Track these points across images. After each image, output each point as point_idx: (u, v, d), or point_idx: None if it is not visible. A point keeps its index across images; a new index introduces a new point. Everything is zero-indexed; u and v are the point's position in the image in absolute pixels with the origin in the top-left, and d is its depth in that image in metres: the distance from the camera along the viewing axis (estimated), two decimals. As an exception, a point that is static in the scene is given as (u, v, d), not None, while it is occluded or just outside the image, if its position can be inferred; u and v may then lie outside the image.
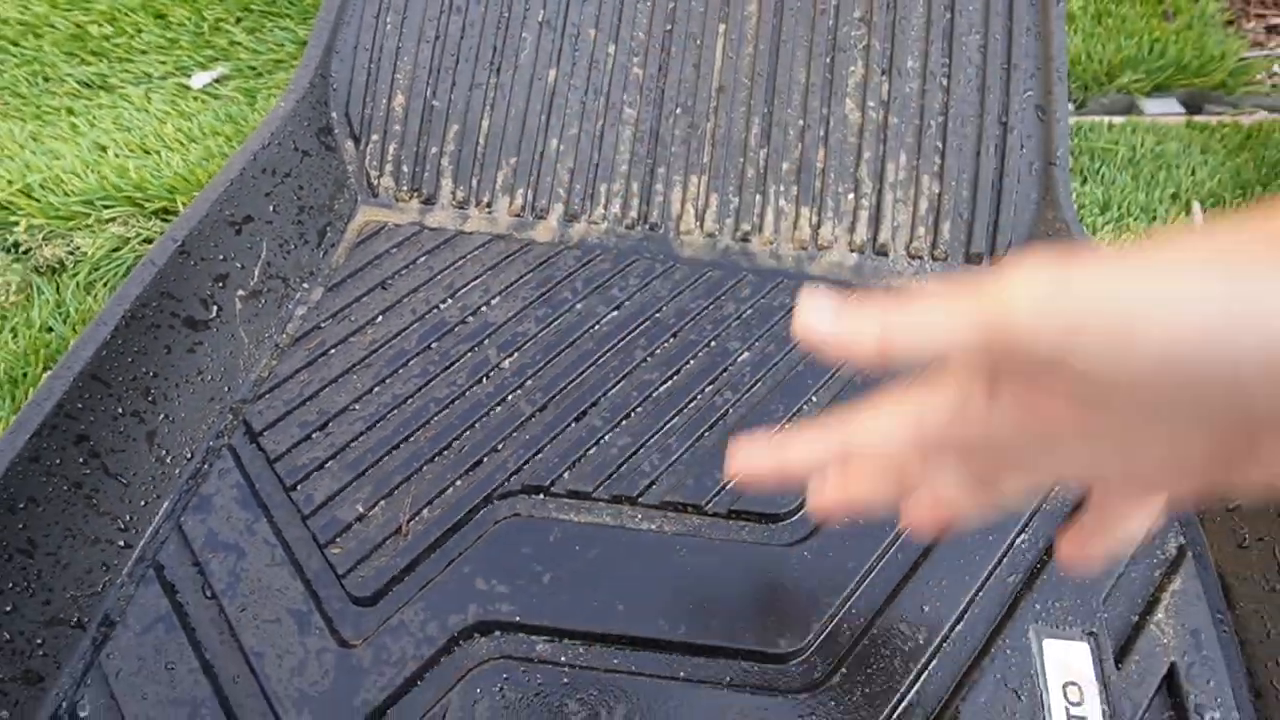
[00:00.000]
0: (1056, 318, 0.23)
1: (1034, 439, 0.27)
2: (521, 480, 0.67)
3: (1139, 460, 0.25)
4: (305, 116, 0.81)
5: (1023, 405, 0.26)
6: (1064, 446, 0.26)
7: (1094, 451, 0.26)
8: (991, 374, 0.27)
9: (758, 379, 0.73)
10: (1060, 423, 0.25)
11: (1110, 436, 0.25)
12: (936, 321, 0.27)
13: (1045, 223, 0.81)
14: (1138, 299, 0.21)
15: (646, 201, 0.85)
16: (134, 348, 0.65)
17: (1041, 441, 0.27)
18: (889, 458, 0.31)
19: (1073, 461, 0.28)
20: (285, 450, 0.68)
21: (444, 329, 0.75)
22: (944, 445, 0.29)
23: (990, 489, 0.33)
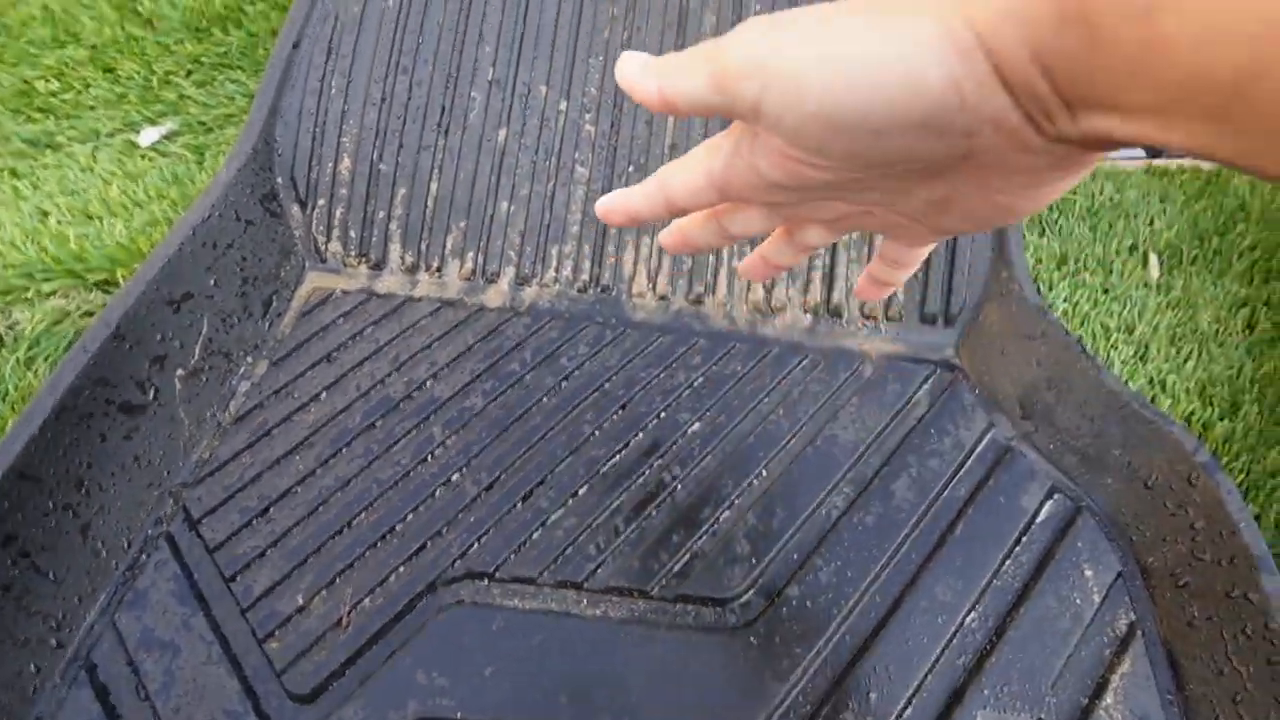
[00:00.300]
0: (754, 74, 0.27)
1: (790, 180, 0.29)
2: (466, 565, 0.66)
3: (868, 200, 0.31)
4: (248, 184, 0.79)
5: (770, 150, 0.29)
6: (813, 188, 0.30)
7: (832, 191, 0.30)
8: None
9: (707, 452, 0.72)
10: (797, 166, 0.29)
11: (835, 179, 0.29)
12: (688, 72, 0.30)
13: (999, 282, 0.80)
14: (805, 56, 0.25)
15: (598, 264, 0.84)
16: (66, 440, 0.64)
17: (797, 183, 0.30)
18: (699, 198, 0.34)
19: (825, 204, 0.32)
20: (225, 538, 0.67)
21: (389, 405, 0.74)
22: (732, 186, 0.32)
23: (787, 229, 0.38)
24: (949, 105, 0.24)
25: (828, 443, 0.73)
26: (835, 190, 0.30)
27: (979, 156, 0.26)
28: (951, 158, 0.26)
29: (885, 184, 0.29)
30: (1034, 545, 0.68)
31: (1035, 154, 0.25)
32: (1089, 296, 0.84)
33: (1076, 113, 0.23)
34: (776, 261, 0.41)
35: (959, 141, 0.25)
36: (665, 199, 0.34)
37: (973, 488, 0.71)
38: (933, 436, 0.74)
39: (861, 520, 0.69)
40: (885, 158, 0.27)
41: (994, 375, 0.78)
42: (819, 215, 0.34)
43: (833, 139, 0.26)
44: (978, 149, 0.26)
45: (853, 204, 0.32)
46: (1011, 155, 0.26)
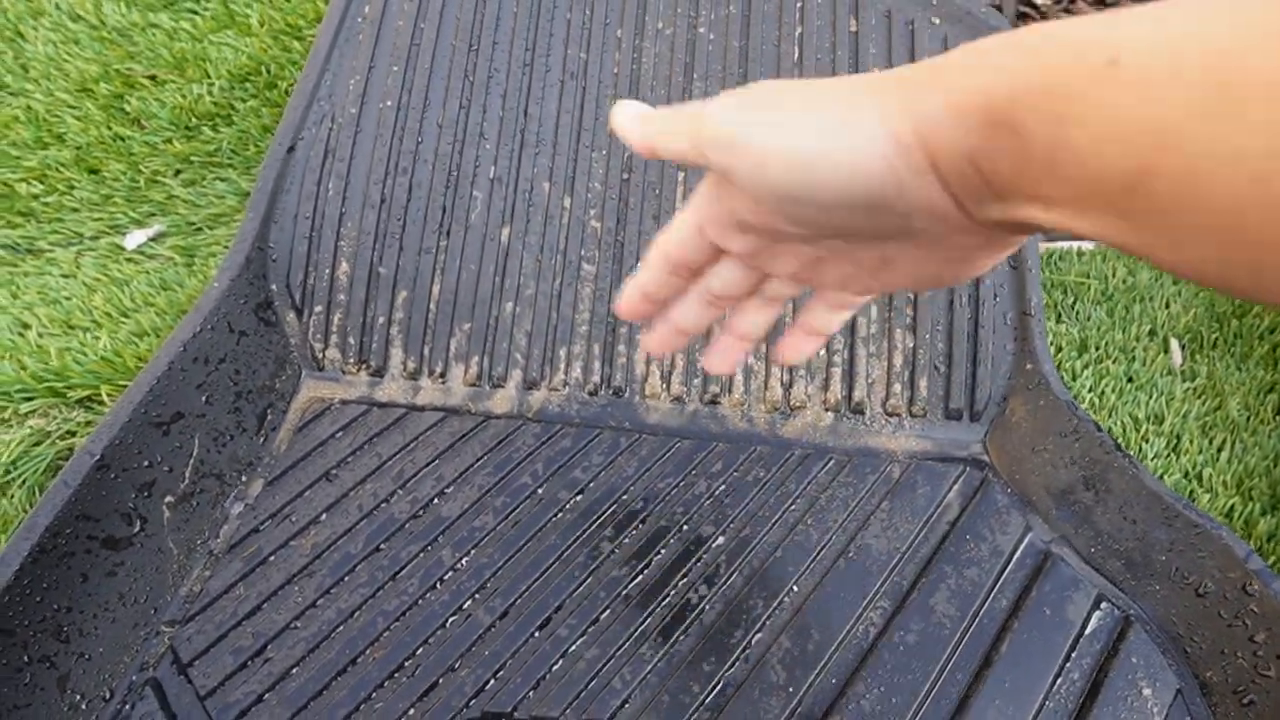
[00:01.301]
0: (726, 148, 0.31)
1: (759, 224, 0.33)
2: (481, 705, 0.61)
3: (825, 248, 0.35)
4: (242, 294, 0.76)
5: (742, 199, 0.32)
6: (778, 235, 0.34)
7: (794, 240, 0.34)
8: None
9: (734, 568, 0.68)
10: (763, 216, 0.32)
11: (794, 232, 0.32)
12: (671, 130, 0.34)
13: (1023, 374, 0.78)
14: (768, 143, 0.29)
15: (609, 364, 0.80)
16: (43, 584, 0.59)
17: (764, 226, 0.33)
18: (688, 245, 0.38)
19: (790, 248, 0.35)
20: (217, 684, 0.61)
21: (393, 526, 0.69)
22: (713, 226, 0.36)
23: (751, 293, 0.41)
24: (888, 192, 0.28)
25: (860, 553, 0.69)
26: (796, 243, 0.34)
27: (916, 233, 0.30)
28: (891, 231, 0.30)
29: (844, 241, 0.33)
30: (1084, 661, 0.64)
31: (966, 234, 0.30)
32: (1114, 386, 0.81)
33: (1004, 201, 0.26)
34: (743, 328, 0.43)
35: (897, 220, 0.29)
36: (663, 257, 0.39)
37: (1015, 599, 0.67)
38: (969, 543, 0.70)
39: (902, 639, 0.65)
40: (833, 228, 0.31)
41: (1025, 474, 0.74)
42: (781, 267, 0.37)
43: (789, 208, 0.31)
44: (915, 228, 0.30)
45: (813, 250, 0.35)
46: (945, 234, 0.30)
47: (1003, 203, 0.26)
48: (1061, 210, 0.24)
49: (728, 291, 0.40)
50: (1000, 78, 0.24)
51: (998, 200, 0.26)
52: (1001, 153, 0.25)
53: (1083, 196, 0.23)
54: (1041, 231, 0.28)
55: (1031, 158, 0.24)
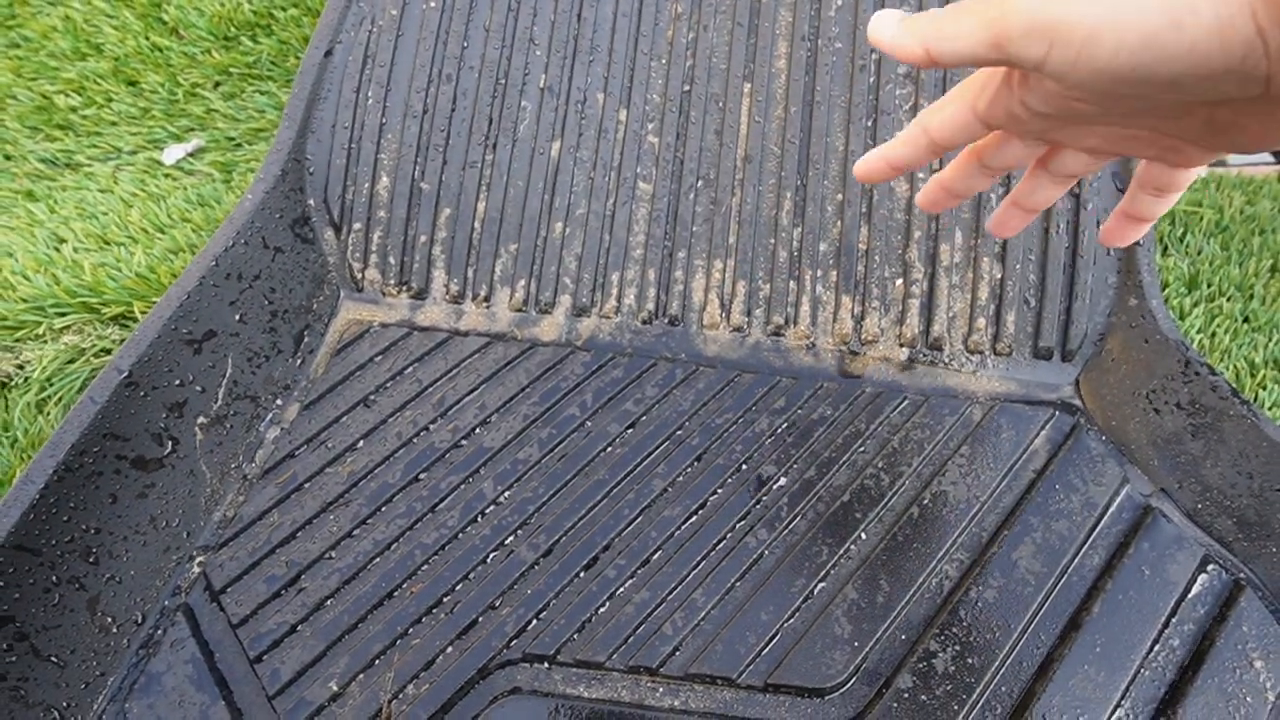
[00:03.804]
0: (1042, 34, 0.27)
1: (1062, 113, 0.30)
2: (522, 647, 0.58)
3: (1138, 124, 0.30)
4: (277, 208, 0.71)
5: (1044, 91, 0.29)
6: (1077, 120, 0.31)
7: (1097, 122, 0.31)
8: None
9: (797, 512, 0.63)
10: (1072, 104, 0.29)
11: (1104, 115, 0.29)
12: (962, 33, 0.30)
13: (1126, 311, 0.70)
14: (1098, 15, 0.25)
15: (665, 291, 0.74)
16: (70, 504, 0.56)
17: (1069, 115, 0.30)
18: (961, 134, 0.34)
19: (1088, 132, 0.32)
20: (250, 612, 0.59)
21: (433, 456, 0.65)
22: (996, 119, 0.33)
23: (1043, 162, 0.37)
24: (1254, 54, 0.24)
25: (936, 501, 0.63)
26: (1107, 120, 0.30)
27: (1230, 97, 0.26)
28: (1242, 96, 0.26)
29: (1163, 114, 0.29)
30: (1187, 627, 0.58)
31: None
32: (1227, 326, 0.73)
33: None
34: (1031, 202, 0.39)
35: (1254, 86, 0.25)
36: (927, 139, 0.35)
37: (1109, 556, 0.61)
38: (1058, 494, 0.64)
39: (980, 595, 0.59)
40: (1177, 102, 0.27)
41: (1124, 421, 0.67)
42: (1083, 142, 0.33)
43: (1121, 89, 0.26)
44: (1273, 91, 0.25)
45: (1121, 129, 0.31)
46: (1264, 103, 0.25)
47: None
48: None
49: (1010, 167, 0.37)
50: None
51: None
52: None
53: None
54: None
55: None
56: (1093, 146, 0.33)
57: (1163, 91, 0.26)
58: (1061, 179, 0.38)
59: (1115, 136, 0.32)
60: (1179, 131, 0.30)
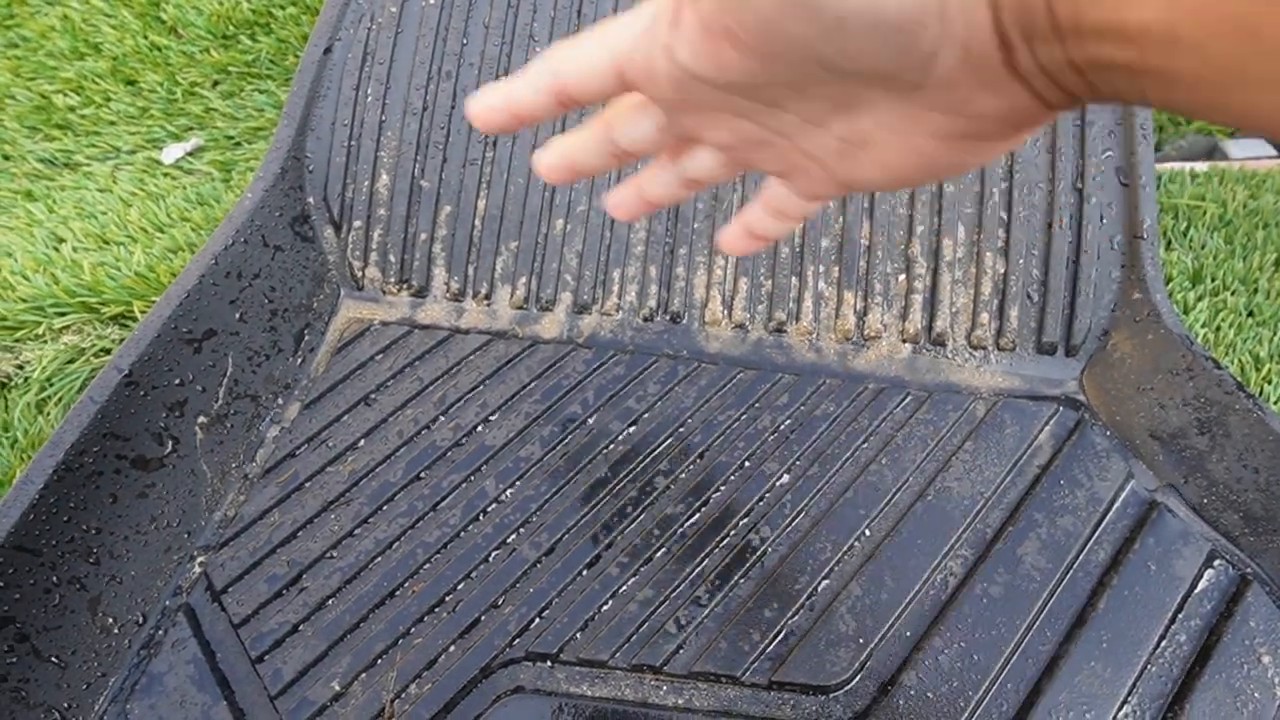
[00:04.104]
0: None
1: (707, 70, 0.26)
2: (525, 645, 0.57)
3: (776, 124, 0.27)
4: (277, 206, 0.71)
5: (694, 29, 0.25)
6: (727, 88, 0.26)
7: (744, 100, 0.27)
8: None
9: (800, 509, 0.63)
10: (721, 50, 0.25)
11: (757, 79, 0.25)
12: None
13: (1130, 306, 0.69)
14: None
15: (666, 288, 0.74)
16: (70, 503, 0.56)
17: (713, 73, 0.26)
18: (594, 82, 0.29)
19: (723, 123, 0.28)
20: (251, 612, 0.59)
21: (435, 454, 0.65)
22: (636, 69, 0.28)
23: (674, 151, 0.33)
24: (927, 16, 0.21)
25: (940, 497, 0.63)
26: (750, 97, 0.27)
27: (930, 88, 0.24)
28: (900, 82, 0.24)
29: (807, 104, 0.26)
30: (1193, 622, 0.57)
31: (993, 94, 0.23)
32: (1232, 320, 0.73)
33: (1065, 38, 0.21)
34: (652, 194, 0.36)
35: (918, 63, 0.23)
36: (556, 85, 0.30)
37: (1115, 551, 0.60)
38: (1063, 489, 0.63)
39: (986, 591, 0.59)
40: (833, 57, 0.23)
41: (1128, 416, 0.67)
42: (716, 133, 0.29)
43: (784, 19, 0.23)
44: (932, 79, 0.23)
45: (758, 126, 0.28)
46: (966, 92, 0.23)
47: (1062, 40, 0.21)
48: (1150, 40, 0.19)
49: (635, 149, 0.32)
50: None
51: (1056, 37, 0.21)
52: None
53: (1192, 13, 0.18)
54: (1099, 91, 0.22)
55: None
56: (724, 142, 0.30)
57: (824, 39, 0.23)
58: (687, 182, 0.34)
59: (749, 137, 0.29)
60: (814, 144, 0.28)
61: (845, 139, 0.27)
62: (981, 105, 0.24)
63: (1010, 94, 0.23)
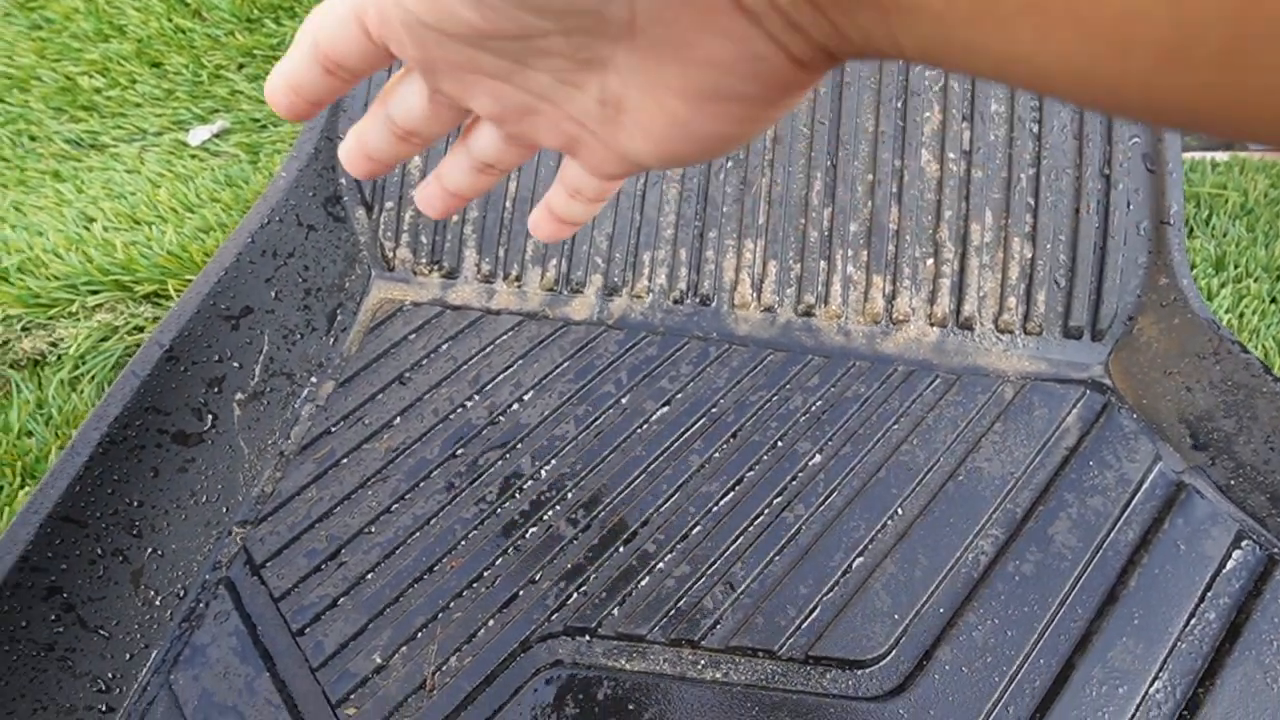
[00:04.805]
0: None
1: (434, 17, 0.23)
2: (564, 620, 0.58)
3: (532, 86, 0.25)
4: (310, 186, 0.71)
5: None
6: (462, 38, 0.24)
7: (486, 56, 0.25)
8: None
9: (833, 488, 0.63)
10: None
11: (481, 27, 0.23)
12: None
13: (1156, 291, 0.70)
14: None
15: (696, 270, 0.75)
16: (114, 476, 0.56)
17: (439, 20, 0.23)
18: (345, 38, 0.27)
19: (486, 82, 0.26)
20: (291, 586, 0.59)
21: (470, 433, 0.66)
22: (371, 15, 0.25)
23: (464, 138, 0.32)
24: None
25: (970, 477, 0.64)
26: (487, 52, 0.24)
27: (645, 27, 0.21)
28: (613, 20, 0.21)
29: (545, 60, 0.24)
30: (1222, 601, 0.58)
31: (725, 39, 0.20)
32: (1255, 307, 0.73)
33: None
34: (450, 182, 0.33)
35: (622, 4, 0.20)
36: (313, 47, 0.27)
37: (1144, 531, 0.61)
38: (1092, 470, 0.64)
39: (1018, 569, 0.60)
40: (556, 34, 0.22)
41: (1155, 399, 0.68)
42: (480, 100, 0.27)
43: None
44: (641, 15, 0.20)
45: (516, 89, 0.26)
46: (689, 33, 0.20)
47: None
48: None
49: (411, 124, 0.30)
50: None
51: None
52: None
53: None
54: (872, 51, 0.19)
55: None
56: (491, 111, 0.28)
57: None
58: (479, 165, 0.32)
59: (512, 103, 0.27)
60: (577, 109, 0.26)
61: (603, 101, 0.25)
62: (711, 50, 0.21)
63: (742, 38, 0.20)
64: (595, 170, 0.29)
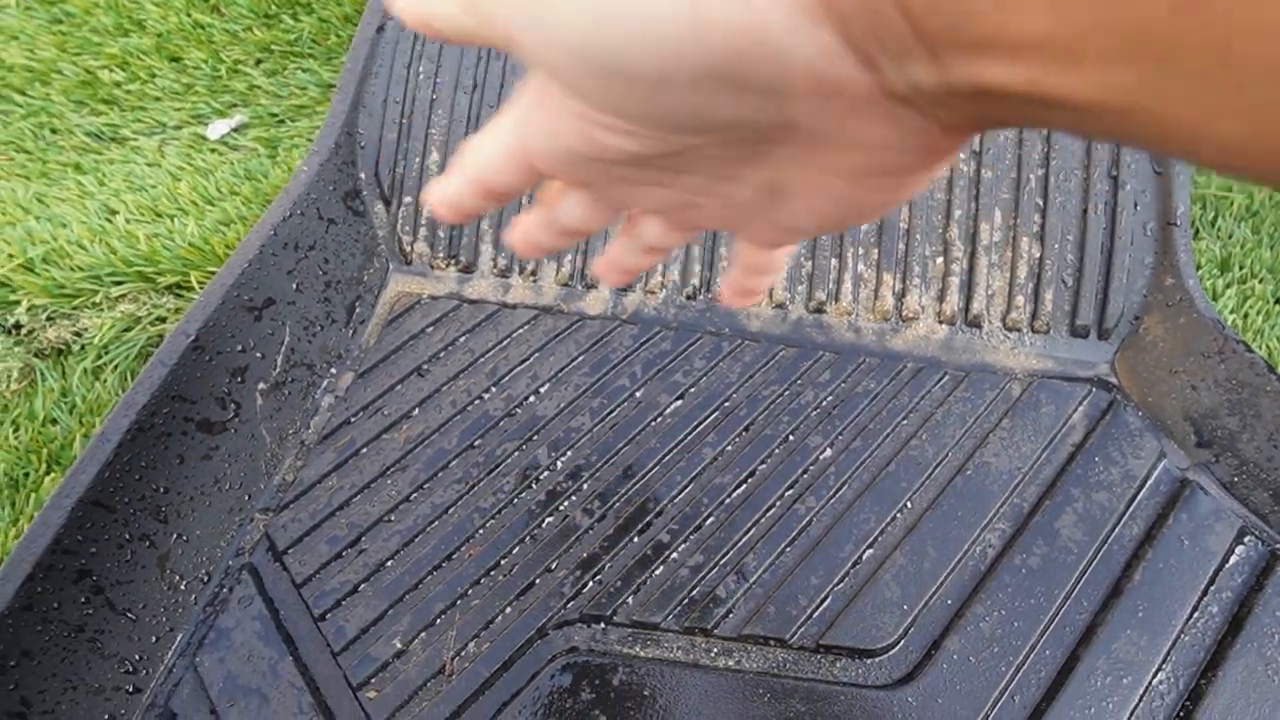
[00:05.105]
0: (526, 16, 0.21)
1: (590, 150, 0.24)
2: (579, 608, 0.59)
3: (689, 186, 0.25)
4: (331, 180, 0.73)
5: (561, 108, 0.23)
6: (619, 162, 0.24)
7: (644, 171, 0.25)
8: None
9: (843, 481, 0.64)
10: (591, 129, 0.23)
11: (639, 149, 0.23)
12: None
13: (1162, 290, 0.71)
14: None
15: (709, 267, 0.76)
16: (141, 462, 0.58)
17: (597, 152, 0.24)
18: (503, 173, 0.27)
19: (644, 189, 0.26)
20: (313, 572, 0.60)
21: (488, 424, 0.67)
22: (533, 154, 0.26)
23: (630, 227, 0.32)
24: (745, 45, 0.18)
25: (979, 471, 0.65)
26: (646, 169, 0.24)
27: (804, 126, 0.21)
28: (769, 127, 0.21)
29: (703, 164, 0.24)
30: (1225, 595, 0.59)
31: (880, 123, 0.20)
32: (1260, 307, 0.75)
33: (941, 55, 0.17)
34: (624, 263, 0.35)
35: (768, 103, 0.20)
36: (473, 177, 0.28)
37: (1148, 526, 0.62)
38: (1097, 466, 0.65)
39: (1024, 562, 0.61)
40: (680, 119, 0.21)
41: (1160, 397, 0.69)
42: (643, 203, 0.28)
43: (610, 89, 0.21)
44: (799, 115, 0.20)
45: (674, 191, 0.26)
46: (847, 124, 0.20)
47: (938, 59, 0.17)
48: (1042, 58, 0.16)
49: (575, 226, 0.31)
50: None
51: (930, 54, 0.17)
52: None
53: (1089, 29, 0.15)
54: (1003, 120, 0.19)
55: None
56: (654, 210, 0.28)
57: (658, 103, 0.21)
58: (648, 250, 0.33)
59: (673, 201, 0.27)
60: (736, 199, 0.26)
61: (762, 188, 0.25)
62: (872, 136, 0.21)
63: (901, 121, 0.20)
64: (764, 243, 0.31)
